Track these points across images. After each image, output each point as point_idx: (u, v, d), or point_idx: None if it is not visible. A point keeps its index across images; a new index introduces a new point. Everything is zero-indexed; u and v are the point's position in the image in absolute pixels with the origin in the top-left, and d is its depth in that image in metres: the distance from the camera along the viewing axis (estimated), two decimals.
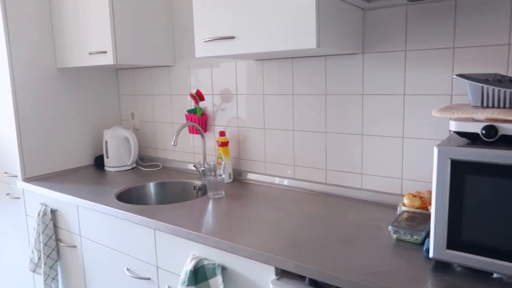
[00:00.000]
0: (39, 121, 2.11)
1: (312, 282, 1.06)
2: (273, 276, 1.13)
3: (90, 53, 1.94)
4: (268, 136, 1.83)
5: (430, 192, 1.31)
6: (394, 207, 1.46)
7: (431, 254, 0.99)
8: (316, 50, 1.33)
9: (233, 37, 1.38)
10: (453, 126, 0.96)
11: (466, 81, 0.98)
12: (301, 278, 1.10)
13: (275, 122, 1.79)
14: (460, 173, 0.93)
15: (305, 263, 1.04)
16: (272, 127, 1.81)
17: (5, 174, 2.16)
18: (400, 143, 1.46)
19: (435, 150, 0.95)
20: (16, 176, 2.09)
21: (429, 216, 1.21)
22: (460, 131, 0.95)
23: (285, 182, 1.79)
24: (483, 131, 0.92)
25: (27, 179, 2.06)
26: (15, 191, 2.14)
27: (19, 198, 2.12)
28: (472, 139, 0.96)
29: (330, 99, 1.61)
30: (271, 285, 1.10)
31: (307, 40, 1.21)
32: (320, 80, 1.62)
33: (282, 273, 1.13)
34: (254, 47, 1.34)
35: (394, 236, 1.17)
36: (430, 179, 1.41)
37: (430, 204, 1.27)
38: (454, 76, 1.01)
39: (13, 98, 2.01)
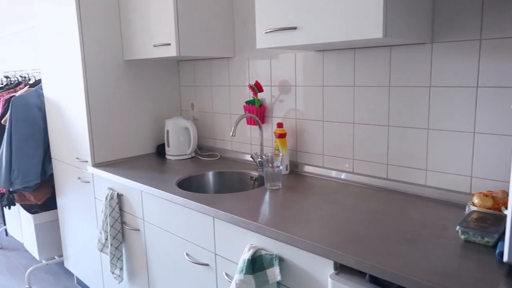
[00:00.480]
0: (107, 111, 2.24)
1: (373, 279, 1.03)
2: (331, 270, 1.12)
3: (154, 46, 2.02)
4: (327, 129, 1.80)
5: (504, 192, 1.22)
6: (461, 207, 1.37)
7: (505, 258, 0.93)
8: (381, 40, 1.28)
9: (295, 28, 1.37)
10: None
11: None
12: (361, 274, 1.08)
13: (334, 115, 1.76)
14: None
15: (366, 259, 1.02)
16: (331, 120, 1.77)
17: (77, 160, 2.33)
18: (471, 138, 1.37)
19: None
20: (86, 161, 2.25)
21: (502, 217, 1.13)
22: None
23: (343, 175, 1.76)
24: None
25: (96, 165, 2.20)
26: (85, 175, 2.30)
27: (89, 182, 2.27)
28: None
29: (394, 91, 1.54)
30: (329, 279, 1.08)
31: (373, 29, 1.17)
32: (384, 72, 1.56)
33: (341, 268, 1.11)
34: (316, 37, 1.32)
35: (462, 237, 1.11)
36: (504, 178, 1.31)
37: (503, 204, 1.18)
38: None
39: (85, 89, 2.14)
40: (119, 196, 2.01)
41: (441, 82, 1.41)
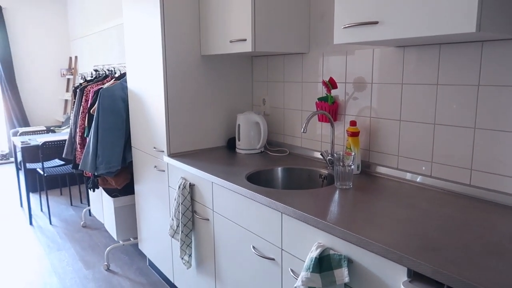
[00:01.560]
0: (184, 104, 2.34)
1: None
2: (404, 277, 1.06)
3: (230, 41, 2.06)
4: (404, 129, 1.71)
5: None
6: None
7: None
8: (473, 35, 1.18)
9: (376, 22, 1.31)
10: None
11: None
12: (437, 284, 1.01)
13: (413, 114, 1.66)
14: None
15: (444, 269, 0.95)
16: (408, 119, 1.68)
17: (154, 149, 2.47)
18: None
19: None
20: (162, 151, 2.37)
21: None
22: None
23: (418, 179, 1.66)
24: None
25: (171, 155, 2.32)
26: (161, 164, 2.43)
27: (164, 171, 2.40)
28: None
29: (483, 90, 1.42)
30: (402, 287, 1.03)
31: (465, 23, 1.08)
32: (473, 69, 1.44)
33: (414, 276, 1.05)
34: (400, 32, 1.25)
35: None
36: None
37: None
38: None
39: (164, 83, 2.26)
40: (191, 186, 2.09)
41: None
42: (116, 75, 3.46)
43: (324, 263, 1.25)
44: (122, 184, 3.01)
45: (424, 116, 1.62)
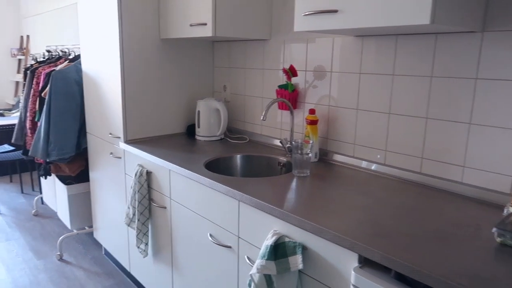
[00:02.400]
0: (142, 89, 2.27)
1: (399, 276, 0.99)
2: (355, 263, 1.08)
3: (191, 25, 2.00)
4: (361, 118, 1.74)
5: None
6: (499, 207, 1.30)
7: None
8: (427, 27, 1.21)
9: (336, 11, 1.31)
10: None
11: None
12: (386, 270, 1.04)
13: (370, 103, 1.69)
14: None
15: (393, 254, 0.98)
16: (365, 108, 1.71)
17: (110, 135, 2.38)
18: None
19: None
20: (119, 137, 2.29)
21: None
22: None
23: (373, 166, 1.70)
24: None
25: (128, 141, 2.24)
26: (117, 151, 2.35)
27: (120, 158, 2.32)
28: None
29: (436, 81, 1.46)
30: (353, 272, 1.05)
31: (420, 15, 1.10)
32: (426, 61, 1.48)
33: (365, 262, 1.08)
34: (358, 22, 1.26)
35: (498, 239, 1.05)
36: None
37: None
38: None
39: (121, 66, 2.17)
40: (148, 173, 2.04)
41: (488, 74, 1.32)
42: (70, 57, 3.29)
43: (279, 251, 1.26)
44: (77, 171, 2.90)
45: (380, 106, 1.66)
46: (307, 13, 1.40)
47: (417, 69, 1.51)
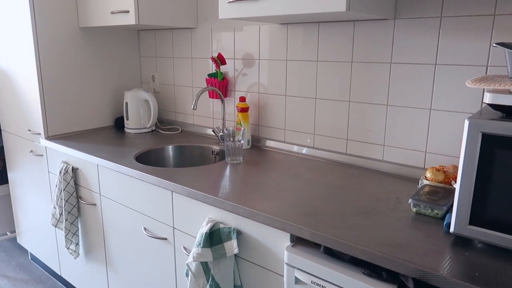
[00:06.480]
0: (62, 81, 2.12)
1: (327, 250, 1.05)
2: (288, 242, 1.13)
3: (112, 12, 1.91)
4: (289, 104, 1.79)
5: (455, 167, 1.27)
6: (415, 181, 1.42)
7: (452, 229, 0.97)
8: (345, 14, 1.27)
9: None
10: (488, 98, 0.91)
11: (506, 50, 0.92)
12: (316, 246, 1.09)
13: (297, 89, 1.75)
14: (491, 148, 0.88)
15: (321, 231, 1.03)
16: (293, 94, 1.76)
17: (29, 132, 2.21)
18: (427, 115, 1.40)
19: (466, 122, 0.91)
20: (39, 134, 2.13)
21: (451, 191, 1.18)
22: (495, 104, 0.90)
23: (304, 150, 1.76)
24: None
25: (50, 137, 2.10)
26: (38, 148, 2.19)
27: (42, 155, 2.17)
28: (507, 112, 0.91)
29: (356, 67, 1.55)
30: (285, 251, 1.09)
31: (336, 2, 1.15)
32: (346, 47, 1.56)
33: (297, 240, 1.13)
34: (279, 9, 1.28)
35: (414, 209, 1.15)
36: (456, 153, 1.36)
37: (454, 179, 1.23)
38: (494, 45, 0.94)
39: (36, 57, 2.01)
40: (74, 170, 1.93)
41: (401, 58, 1.42)
42: None
43: (214, 237, 1.27)
44: None
45: (306, 91, 1.72)
46: (231, 0, 1.40)
47: (338, 55, 1.58)
